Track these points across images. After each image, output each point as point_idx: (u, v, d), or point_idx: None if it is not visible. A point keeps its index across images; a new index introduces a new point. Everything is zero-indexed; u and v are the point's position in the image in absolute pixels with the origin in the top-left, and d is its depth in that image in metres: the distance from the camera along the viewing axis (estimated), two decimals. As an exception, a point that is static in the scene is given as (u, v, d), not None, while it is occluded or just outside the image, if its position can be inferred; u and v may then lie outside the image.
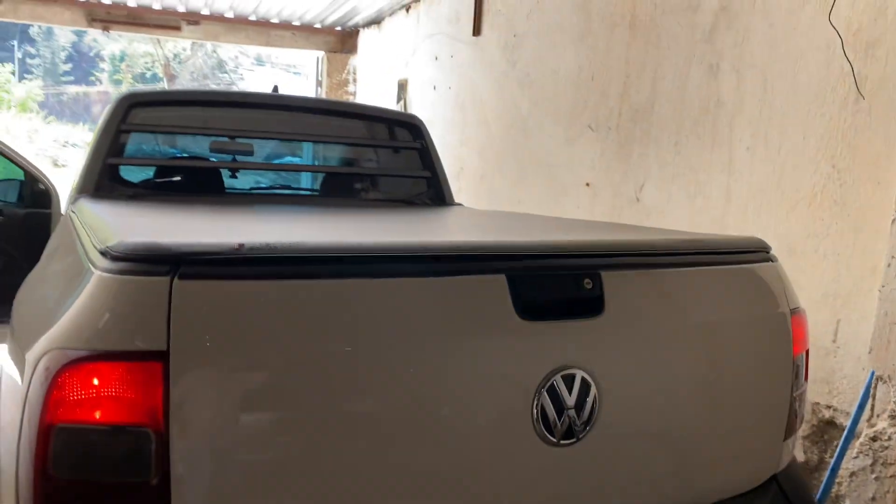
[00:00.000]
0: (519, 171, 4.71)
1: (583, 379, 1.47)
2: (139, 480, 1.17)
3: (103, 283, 1.27)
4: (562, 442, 1.40)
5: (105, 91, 32.30)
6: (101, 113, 3.47)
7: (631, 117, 3.71)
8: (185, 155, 3.73)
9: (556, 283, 1.54)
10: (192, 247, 1.26)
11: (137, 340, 1.21)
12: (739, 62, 3.09)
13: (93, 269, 1.31)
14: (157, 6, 7.22)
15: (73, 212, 2.50)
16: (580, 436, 1.43)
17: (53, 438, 1.19)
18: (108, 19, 7.06)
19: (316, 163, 4.25)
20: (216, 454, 1.19)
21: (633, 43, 3.70)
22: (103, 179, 3.01)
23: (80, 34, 35.10)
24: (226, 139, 3.68)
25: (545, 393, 1.39)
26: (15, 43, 33.63)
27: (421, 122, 3.73)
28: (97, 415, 1.20)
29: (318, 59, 8.06)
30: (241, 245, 1.28)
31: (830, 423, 2.73)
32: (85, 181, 2.98)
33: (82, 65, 33.59)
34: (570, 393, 1.42)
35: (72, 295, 1.36)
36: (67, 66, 34.54)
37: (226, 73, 27.89)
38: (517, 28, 4.76)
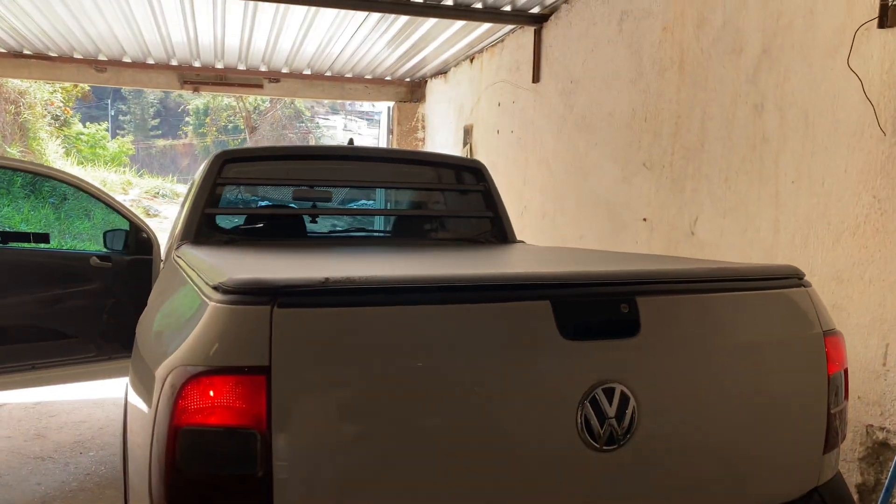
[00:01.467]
0: (579, 208, 4.93)
1: (622, 392, 1.67)
2: (247, 473, 1.44)
3: (217, 312, 1.56)
4: (605, 448, 1.58)
5: (190, 144, 34.14)
6: (198, 168, 3.89)
7: (683, 155, 3.90)
8: (271, 203, 4.13)
9: (595, 307, 1.76)
10: (287, 281, 1.56)
11: (245, 358, 1.49)
12: (782, 101, 3.26)
13: (207, 301, 1.62)
14: (241, 66, 7.83)
15: (178, 257, 2.86)
16: (621, 442, 1.61)
17: (180, 438, 1.48)
18: (198, 81, 7.71)
19: (388, 206, 4.60)
20: (308, 452, 1.45)
21: (683, 85, 3.90)
22: (202, 228, 3.39)
23: (167, 91, 37.30)
24: (306, 188, 4.08)
25: (588, 404, 1.59)
26: (109, 102, 36.00)
27: (483, 166, 4.02)
28: (213, 419, 1.49)
29: (388, 107, 8.52)
30: (327, 279, 1.57)
31: (884, 445, 2.82)
32: (186, 230, 3.36)
33: (169, 120, 35.63)
34: (610, 404, 1.62)
35: (190, 323, 1.66)
36: (156, 122, 36.68)
37: (303, 122, 29.14)
38: (573, 74, 5.03)
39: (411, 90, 8.43)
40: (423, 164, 4.06)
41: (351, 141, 4.10)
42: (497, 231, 3.93)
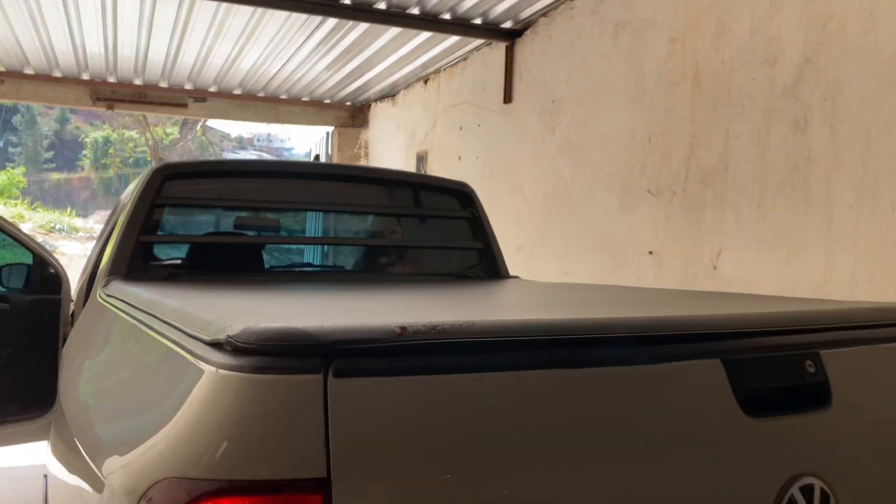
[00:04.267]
0: (565, 241, 4.43)
1: (822, 491, 1.16)
2: None
3: (227, 384, 0.94)
4: None
5: (87, 177, 32.26)
6: (131, 186, 3.13)
7: (700, 179, 3.46)
8: (222, 231, 3.42)
9: (776, 367, 1.26)
10: (346, 333, 0.95)
11: (287, 465, 0.89)
12: (832, 116, 2.86)
13: (201, 364, 1.01)
14: (163, 84, 7.03)
15: (110, 296, 2.15)
16: None
17: None
18: (113, 98, 6.84)
19: (361, 235, 3.93)
20: None
21: (699, 101, 3.48)
22: (136, 259, 2.68)
23: (62, 122, 35.27)
24: (255, 213, 3.40)
25: None
26: (-4, 132, 33.70)
27: (472, 189, 3.48)
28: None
29: (326, 134, 7.87)
30: (404, 329, 0.97)
31: None
32: (116, 262, 2.64)
33: (64, 152, 33.65)
34: None
35: (169, 400, 1.04)
36: (50, 154, 34.54)
37: (211, 156, 27.93)
38: (555, 93, 4.57)
39: (353, 114, 7.82)
40: (403, 186, 3.45)
41: (317, 157, 3.44)
42: (487, 264, 3.37)
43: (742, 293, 2.27)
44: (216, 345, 1.00)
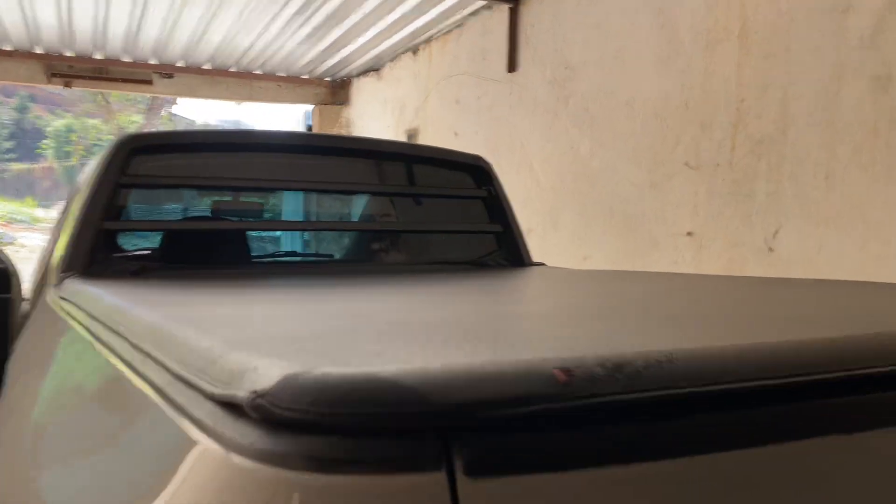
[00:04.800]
0: (583, 223, 3.98)
1: None
2: None
3: (255, 489, 0.48)
4: None
5: (50, 167, 31.18)
6: (87, 166, 2.61)
7: (751, 149, 3.03)
8: (197, 215, 2.91)
9: None
10: (478, 388, 0.50)
11: None
12: (922, 69, 2.44)
13: (201, 438, 0.56)
14: (126, 58, 6.42)
15: (63, 300, 1.67)
16: None
17: None
18: (71, 74, 6.22)
19: (357, 218, 3.44)
20: None
21: (747, 60, 3.04)
22: (98, 251, 2.17)
23: (22, 111, 34.05)
24: (237, 194, 2.91)
25: None
26: (-49, 122, 32.43)
27: (487, 163, 3.01)
28: None
29: (306, 112, 7.32)
30: (569, 376, 0.49)
31: None
32: (72, 255, 2.14)
33: (25, 142, 32.52)
34: None
35: (142, 490, 0.61)
36: (10, 144, 33.35)
37: (180, 142, 27.01)
38: (569, 58, 4.10)
39: (333, 91, 7.28)
40: (408, 161, 2.96)
41: (309, 128, 2.93)
42: (508, 250, 2.90)
43: (853, 281, 1.84)
44: (232, 405, 0.53)
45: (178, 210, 2.97)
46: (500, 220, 2.90)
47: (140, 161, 2.35)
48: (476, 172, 3.00)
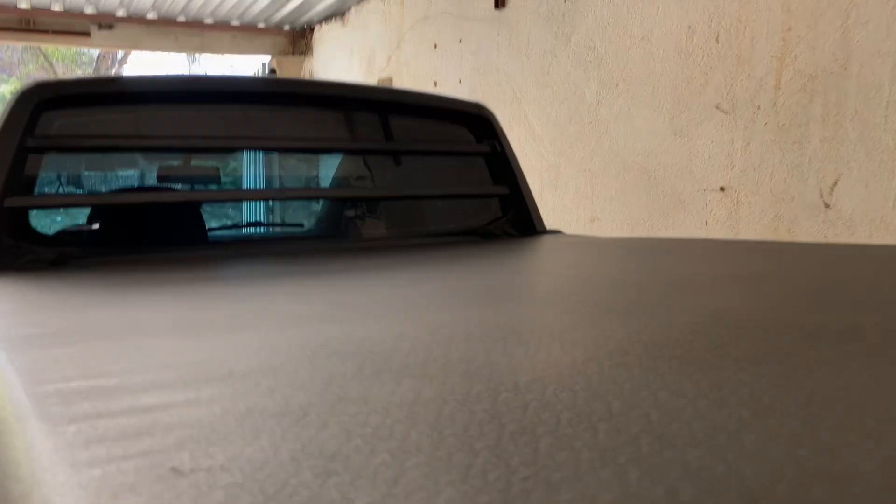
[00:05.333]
0: (589, 181, 3.49)
1: None
2: None
3: None
4: None
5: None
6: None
7: (802, 87, 2.55)
8: (139, 185, 2.36)
9: None
10: None
11: None
12: None
13: None
14: (57, 7, 5.68)
15: None
16: None
17: None
18: (-6, 26, 5.49)
19: (329, 181, 2.88)
20: None
21: (796, -20, 2.55)
22: (1, 235, 1.65)
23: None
24: (187, 157, 2.38)
25: None
26: None
27: (490, 113, 2.53)
28: None
29: (264, 64, 6.65)
30: None
31: None
32: None
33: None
34: None
35: None
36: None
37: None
38: (568, -10, 3.56)
39: (293, 40, 6.61)
40: (393, 110, 2.44)
41: (273, 71, 2.36)
42: (518, 216, 2.44)
43: None
44: None
45: (110, 180, 2.42)
46: (507, 181, 2.42)
47: (51, 118, 1.80)
48: (476, 124, 2.51)
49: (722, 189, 2.84)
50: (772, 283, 1.13)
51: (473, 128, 2.53)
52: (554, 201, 3.70)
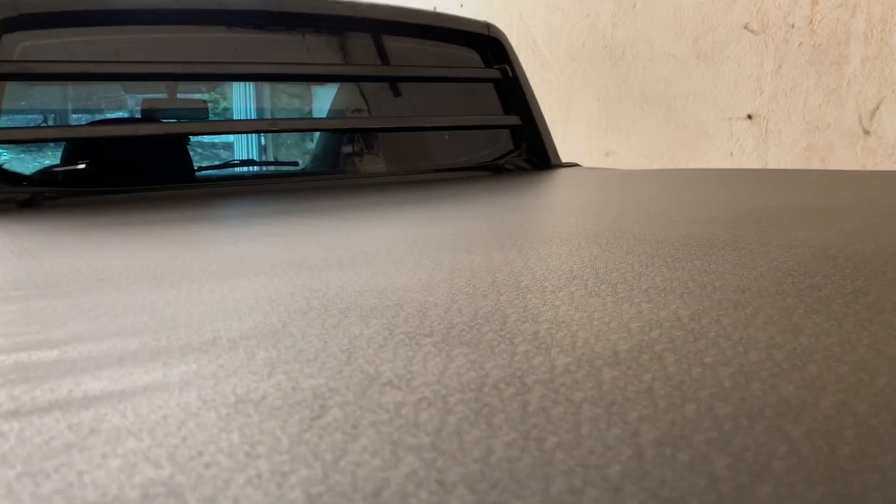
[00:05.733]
0: (604, 111, 3.29)
1: None
2: None
3: None
4: None
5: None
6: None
7: (841, 1, 2.33)
8: (118, 115, 2.16)
9: None
10: None
11: None
12: None
13: None
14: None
15: None
16: None
17: None
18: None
19: (329, 114, 2.68)
20: None
21: None
22: None
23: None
24: (171, 87, 2.20)
25: None
26: None
27: (501, 34, 2.35)
28: None
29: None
30: None
31: None
32: None
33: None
34: None
35: None
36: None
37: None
38: None
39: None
40: (392, 31, 2.24)
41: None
42: (531, 148, 2.28)
43: None
44: None
45: (87, 114, 2.22)
46: (520, 110, 2.26)
47: (13, 40, 1.60)
48: (485, 46, 2.32)
49: (749, 117, 2.65)
50: (861, 214, 0.97)
51: (482, 50, 2.34)
52: (565, 134, 3.49)
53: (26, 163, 1.95)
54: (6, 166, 1.70)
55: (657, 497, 0.24)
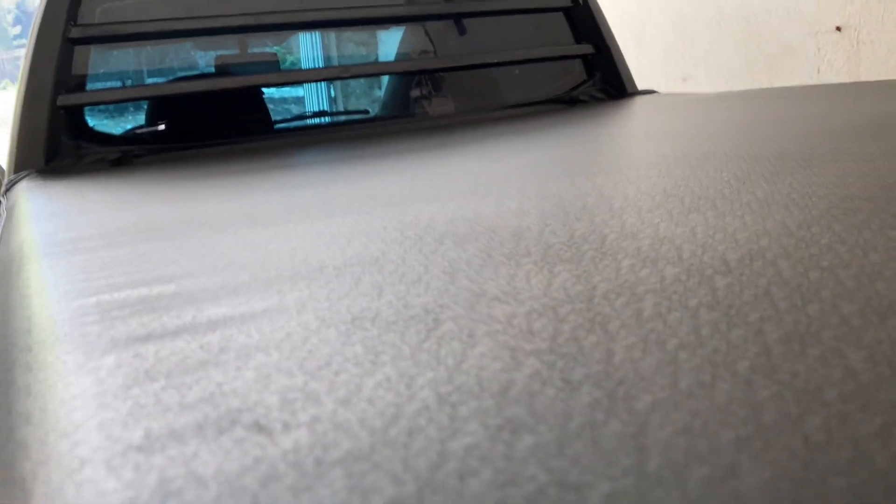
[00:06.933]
0: (679, 33, 3.15)
1: None
2: None
3: None
4: None
5: (62, 47, 30.11)
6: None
7: None
8: (194, 73, 2.21)
9: None
10: None
11: None
12: None
13: None
14: None
15: (11, 214, 1.08)
16: None
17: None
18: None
19: (397, 58, 2.67)
20: None
21: None
22: (57, 137, 1.55)
23: (21, -6, 32.55)
24: (243, 42, 2.21)
25: None
26: (-45, 12, 31.36)
27: None
28: None
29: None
30: None
31: None
32: (26, 147, 1.54)
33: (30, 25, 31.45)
34: None
35: None
36: (16, 30, 32.22)
37: None
38: None
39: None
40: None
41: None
42: (605, 77, 2.21)
43: None
44: None
45: (163, 71, 2.27)
46: (592, 38, 2.18)
47: (93, 3, 1.65)
48: (553, -28, 2.25)
49: (838, 29, 2.48)
50: None
51: (549, -21, 2.27)
52: (638, 61, 3.37)
53: (114, 124, 2.02)
54: (97, 128, 1.76)
55: (791, 388, 0.23)
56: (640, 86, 2.25)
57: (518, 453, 0.21)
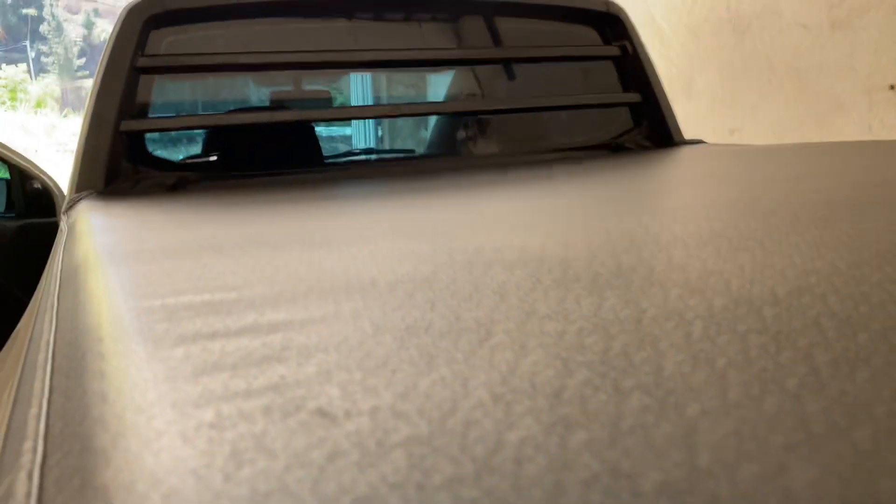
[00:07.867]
0: (728, 86, 3.15)
1: None
2: None
3: None
4: None
5: (122, 80, 31.40)
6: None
7: None
8: (250, 106, 2.29)
9: None
10: None
11: None
12: None
13: None
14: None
15: (71, 233, 1.12)
16: None
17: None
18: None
19: (446, 99, 2.72)
20: None
21: None
22: (118, 162, 1.61)
23: (89, 27, 34.09)
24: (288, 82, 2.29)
25: None
26: (27, 44, 32.91)
27: (622, 11, 2.28)
28: None
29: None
30: None
31: None
32: (86, 168, 1.60)
33: (96, 56, 32.87)
34: None
35: None
36: (81, 61, 33.69)
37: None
38: None
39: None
40: (511, 13, 2.26)
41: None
42: (652, 126, 2.21)
43: None
44: None
45: (220, 104, 2.36)
46: (640, 87, 2.20)
47: (161, 35, 1.72)
48: (603, 23, 2.27)
49: (892, 87, 2.47)
50: None
51: (600, 28, 2.30)
52: (691, 109, 3.38)
53: (168, 154, 2.10)
54: (156, 154, 1.83)
55: (840, 403, 0.24)
56: (690, 136, 2.25)
57: (572, 445, 0.22)
